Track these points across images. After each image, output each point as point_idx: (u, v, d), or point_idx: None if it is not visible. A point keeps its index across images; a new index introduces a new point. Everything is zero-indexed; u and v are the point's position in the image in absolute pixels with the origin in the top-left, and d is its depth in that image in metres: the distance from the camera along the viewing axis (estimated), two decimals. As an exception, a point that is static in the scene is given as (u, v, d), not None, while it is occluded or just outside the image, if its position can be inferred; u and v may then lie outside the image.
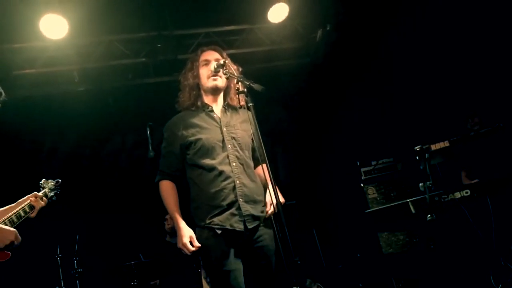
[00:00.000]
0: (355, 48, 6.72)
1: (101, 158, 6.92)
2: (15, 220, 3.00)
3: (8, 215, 3.00)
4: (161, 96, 6.56)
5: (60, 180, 3.43)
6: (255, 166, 3.19)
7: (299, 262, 2.26)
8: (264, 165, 3.04)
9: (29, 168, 6.15)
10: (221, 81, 3.12)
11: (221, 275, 2.84)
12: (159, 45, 6.10)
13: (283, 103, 7.48)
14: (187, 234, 2.89)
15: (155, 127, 5.55)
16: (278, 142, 7.74)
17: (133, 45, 6.17)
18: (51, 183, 3.38)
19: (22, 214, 3.04)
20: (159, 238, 6.07)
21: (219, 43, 6.17)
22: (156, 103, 6.54)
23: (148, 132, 5.48)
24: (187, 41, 6.28)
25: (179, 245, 2.90)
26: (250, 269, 2.94)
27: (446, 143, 4.16)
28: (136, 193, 6.41)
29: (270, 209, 2.99)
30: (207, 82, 3.13)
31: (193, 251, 2.87)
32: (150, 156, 5.43)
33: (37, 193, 3.18)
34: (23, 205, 3.07)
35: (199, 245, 2.87)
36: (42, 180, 3.36)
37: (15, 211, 3.03)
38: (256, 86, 2.73)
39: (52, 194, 3.35)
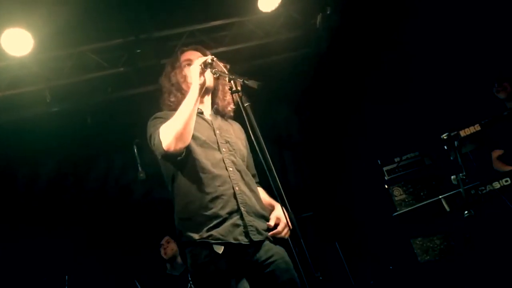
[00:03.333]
0: (362, 32, 6.71)
1: (85, 187, 6.93)
2: None
3: None
4: (147, 108, 6.62)
5: None
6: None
7: (321, 278, 2.24)
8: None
9: (4, 206, 6.18)
10: (210, 78, 3.03)
11: None
12: (138, 51, 6.13)
13: (287, 102, 7.49)
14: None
15: (143, 144, 5.56)
16: (286, 147, 7.75)
17: (109, 54, 6.20)
18: None
19: None
20: (157, 271, 6.06)
21: (206, 42, 6.20)
22: (142, 116, 6.58)
23: (136, 151, 5.49)
24: (169, 43, 6.30)
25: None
26: None
27: (477, 127, 4.17)
28: (128, 223, 6.42)
29: (283, 230, 2.88)
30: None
31: None
32: (140, 178, 5.43)
33: None
34: None
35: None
36: None
37: None
38: (251, 83, 2.66)
39: None
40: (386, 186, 5.67)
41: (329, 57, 6.93)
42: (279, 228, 2.91)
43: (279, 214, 2.94)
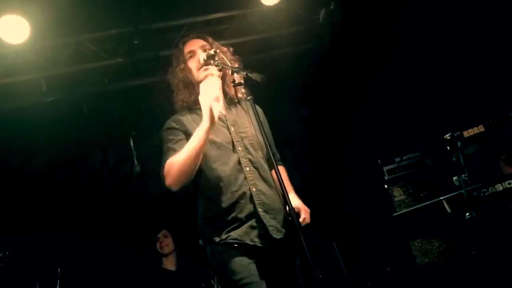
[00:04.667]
0: (365, 29, 6.69)
1: (80, 179, 6.90)
2: None
3: None
4: (144, 101, 6.61)
5: (7, 253, 3.33)
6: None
7: (320, 276, 2.23)
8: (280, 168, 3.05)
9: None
10: (214, 70, 3.06)
11: None
12: (136, 42, 6.10)
13: (287, 99, 7.46)
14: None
15: (139, 137, 5.54)
16: (285, 145, 7.71)
17: (107, 44, 6.16)
18: None
19: None
20: (152, 265, 6.04)
21: (207, 35, 6.15)
22: (139, 109, 6.57)
23: (132, 144, 5.46)
24: (169, 35, 6.27)
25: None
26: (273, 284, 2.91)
27: (481, 128, 4.13)
28: (123, 217, 6.38)
29: (306, 218, 2.96)
30: (199, 75, 3.10)
31: None
32: (136, 172, 5.42)
33: None
34: None
35: None
36: None
37: None
38: (254, 76, 2.68)
39: None
40: (386, 186, 5.64)
41: (331, 53, 6.91)
42: (301, 218, 2.96)
43: (297, 204, 3.02)
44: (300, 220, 2.94)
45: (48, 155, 6.64)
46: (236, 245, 2.83)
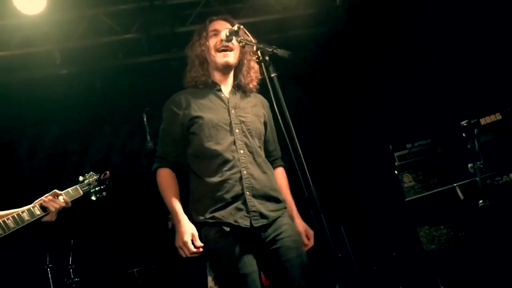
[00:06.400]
0: (382, 11, 6.64)
1: (91, 153, 6.93)
2: (12, 224, 2.89)
3: (4, 217, 2.89)
4: (158, 77, 6.61)
5: (107, 173, 3.41)
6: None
7: (339, 255, 2.25)
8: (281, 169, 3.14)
9: (5, 169, 6.18)
10: (232, 57, 3.10)
11: (236, 280, 2.79)
12: (152, 18, 6.10)
13: (299, 80, 7.44)
14: (188, 231, 2.83)
15: (153, 113, 5.55)
16: (295, 126, 7.70)
17: (122, 19, 6.19)
18: (91, 178, 3.39)
19: (26, 218, 2.96)
20: (162, 242, 6.09)
21: (222, 13, 6.12)
22: (153, 85, 6.57)
23: (145, 120, 5.50)
24: (184, 12, 6.30)
25: (178, 244, 2.83)
26: (268, 273, 2.94)
27: (498, 116, 4.12)
28: (133, 192, 6.42)
29: (310, 241, 3.06)
30: (217, 57, 3.10)
31: (194, 253, 2.81)
32: (148, 148, 5.46)
33: (57, 191, 3.13)
34: (31, 206, 3.00)
35: (201, 244, 2.82)
36: (80, 177, 3.35)
37: (16, 212, 2.94)
38: (281, 52, 2.66)
39: (94, 190, 3.39)
40: (396, 172, 5.64)
41: (346, 35, 6.88)
42: (309, 243, 3.07)
43: (303, 227, 3.11)
44: (305, 243, 3.04)
45: (60, 128, 6.67)
46: (227, 229, 2.82)
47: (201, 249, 2.83)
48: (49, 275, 5.19)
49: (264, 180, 2.98)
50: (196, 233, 2.84)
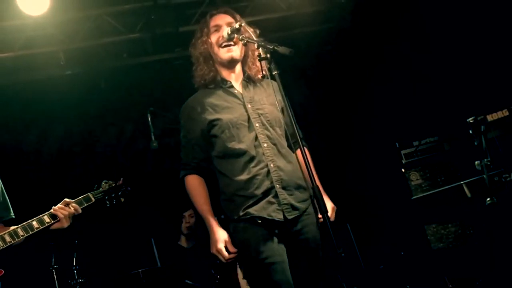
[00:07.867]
0: (388, 8, 6.62)
1: (95, 153, 6.94)
2: (21, 232, 2.92)
3: (14, 227, 2.93)
4: (162, 76, 6.62)
5: (122, 179, 3.44)
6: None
7: (343, 254, 2.23)
8: (305, 150, 3.07)
9: (9, 171, 6.17)
10: (237, 51, 3.11)
11: (265, 269, 2.82)
12: (155, 17, 6.08)
13: (304, 77, 7.42)
14: (222, 238, 2.92)
15: (157, 113, 5.55)
16: (299, 124, 7.68)
17: (126, 19, 6.18)
18: (106, 185, 3.45)
19: (36, 226, 2.99)
20: (169, 242, 6.09)
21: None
22: (157, 84, 6.57)
23: (149, 119, 5.48)
24: (188, 11, 6.28)
25: (213, 251, 2.93)
26: (295, 264, 2.94)
27: (505, 112, 4.09)
28: (138, 192, 6.40)
29: (332, 215, 3.08)
30: (220, 52, 3.11)
31: (230, 258, 2.90)
32: (153, 147, 5.44)
33: (67, 199, 3.18)
34: (41, 215, 3.04)
35: (235, 250, 2.90)
36: (96, 186, 3.44)
37: (26, 222, 2.97)
38: (282, 49, 2.67)
39: (108, 197, 3.44)
40: (403, 170, 5.61)
41: (351, 33, 6.86)
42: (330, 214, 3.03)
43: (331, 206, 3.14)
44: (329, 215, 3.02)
45: (65, 129, 6.68)
46: (259, 221, 2.86)
47: (235, 254, 2.91)
48: (54, 276, 5.19)
49: (291, 170, 2.99)
50: (229, 239, 2.93)
